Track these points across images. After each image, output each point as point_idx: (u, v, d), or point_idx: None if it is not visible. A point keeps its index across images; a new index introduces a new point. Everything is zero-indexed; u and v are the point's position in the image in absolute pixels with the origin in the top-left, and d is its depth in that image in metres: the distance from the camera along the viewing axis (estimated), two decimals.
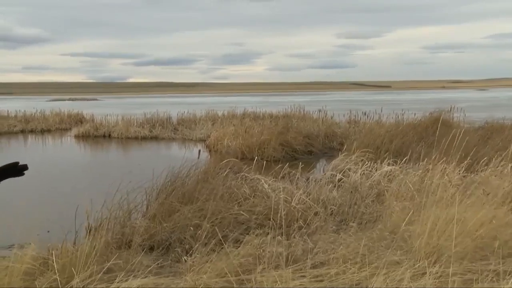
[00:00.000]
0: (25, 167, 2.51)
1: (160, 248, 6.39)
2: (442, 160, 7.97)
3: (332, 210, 7.57)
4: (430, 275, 4.28)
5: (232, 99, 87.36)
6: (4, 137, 26.60)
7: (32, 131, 29.26)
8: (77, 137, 26.08)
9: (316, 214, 7.13)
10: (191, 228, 6.36)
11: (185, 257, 5.56)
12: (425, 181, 7.73)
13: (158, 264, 5.61)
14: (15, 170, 2.49)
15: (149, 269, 5.05)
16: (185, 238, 6.32)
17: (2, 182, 2.53)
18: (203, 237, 5.80)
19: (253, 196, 7.73)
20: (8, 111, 33.81)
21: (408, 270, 4.38)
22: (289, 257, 4.84)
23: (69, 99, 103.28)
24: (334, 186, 9.09)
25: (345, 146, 13.33)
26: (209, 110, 31.03)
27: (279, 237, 5.31)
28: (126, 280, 4.53)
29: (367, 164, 10.31)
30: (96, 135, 26.00)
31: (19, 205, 10.04)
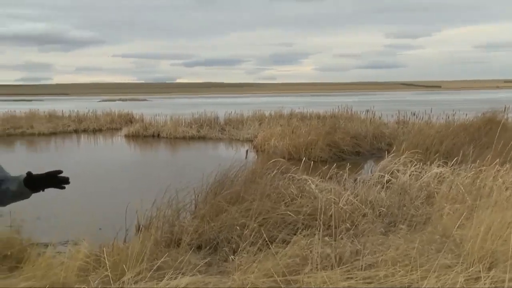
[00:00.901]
0: (65, 180, 2.52)
1: (208, 247, 6.46)
2: (495, 162, 7.73)
3: (380, 212, 7.45)
4: (485, 280, 4.16)
5: (279, 100, 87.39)
6: (59, 137, 27.50)
7: (84, 131, 30.13)
8: (127, 136, 26.67)
9: (364, 215, 7.04)
10: (238, 227, 6.40)
11: (232, 257, 5.60)
12: (477, 184, 7.52)
13: (206, 263, 5.68)
14: (56, 180, 2.50)
15: (197, 267, 5.11)
16: (232, 237, 6.36)
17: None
18: (250, 236, 5.82)
19: (300, 197, 7.70)
20: (62, 111, 34.89)
21: (461, 274, 4.26)
22: (337, 258, 4.80)
23: (119, 100, 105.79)
24: (382, 187, 8.95)
25: (393, 147, 13.09)
26: (256, 110, 31.13)
27: (326, 238, 5.28)
28: (175, 278, 4.60)
29: (416, 165, 10.11)
30: (146, 135, 26.50)
31: (73, 203, 10.34)
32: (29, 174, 2.40)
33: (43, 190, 2.43)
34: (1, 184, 2.50)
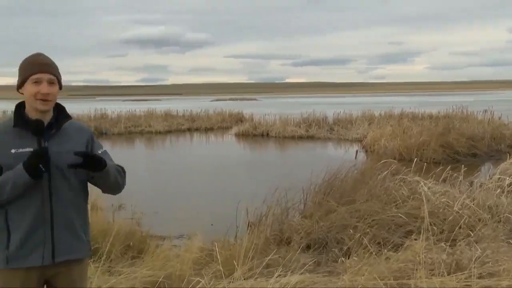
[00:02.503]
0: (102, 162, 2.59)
1: (317, 247, 6.45)
2: None
3: (501, 218, 7.01)
4: None
5: (389, 99, 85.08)
6: (174, 135, 28.85)
7: (197, 129, 31.34)
8: (237, 135, 27.36)
9: (482, 221, 6.66)
10: (349, 229, 6.33)
11: (342, 258, 5.56)
12: None
13: (314, 262, 5.68)
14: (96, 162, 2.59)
15: (306, 266, 5.13)
16: (341, 238, 6.30)
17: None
18: (360, 238, 5.74)
19: (412, 199, 7.45)
20: (177, 110, 36.64)
21: None
22: (453, 265, 4.59)
23: (230, 99, 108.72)
24: (503, 192, 8.40)
25: None
26: (365, 110, 30.60)
27: (441, 243, 5.07)
28: (284, 276, 4.64)
29: None
30: (255, 134, 27.00)
31: (187, 199, 10.83)
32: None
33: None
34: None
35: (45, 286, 2.71)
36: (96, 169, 2.57)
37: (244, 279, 4.65)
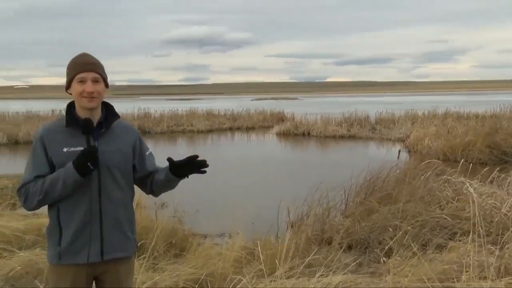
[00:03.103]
0: (203, 164, 2.72)
1: (359, 247, 6.40)
2: None
3: None
4: None
5: (433, 98, 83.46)
6: (215, 134, 29.08)
7: (238, 129, 31.51)
8: (278, 134, 27.34)
9: None
10: (390, 229, 6.25)
11: (384, 258, 5.49)
12: None
13: (356, 263, 5.63)
14: (195, 164, 2.71)
15: (348, 267, 5.08)
16: (384, 239, 6.23)
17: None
18: (404, 239, 5.66)
19: (457, 200, 7.30)
20: (218, 110, 36.89)
21: None
22: (501, 268, 4.47)
23: (272, 98, 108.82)
24: None
25: None
26: (408, 110, 30.10)
27: (489, 246, 4.94)
28: (326, 276, 4.61)
29: None
30: (296, 133, 26.93)
31: (228, 197, 10.88)
32: (170, 160, 2.68)
33: (187, 177, 2.72)
34: (154, 176, 2.77)
35: (94, 282, 2.78)
36: (182, 176, 2.70)
37: (286, 278, 4.65)
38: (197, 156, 2.71)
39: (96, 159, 2.53)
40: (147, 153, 2.80)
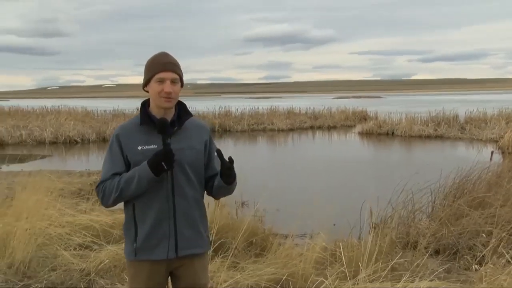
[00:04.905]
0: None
1: (447, 253, 6.09)
2: None
3: None
4: None
5: None
6: (296, 132, 29.02)
7: (319, 127, 31.27)
8: (360, 134, 26.86)
9: None
10: (483, 235, 5.90)
11: (475, 266, 5.20)
12: None
13: (444, 269, 5.38)
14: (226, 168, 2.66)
15: (435, 273, 4.86)
16: (474, 244, 5.90)
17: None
18: (498, 246, 5.31)
19: None
20: (299, 108, 36.75)
21: None
22: None
23: (353, 97, 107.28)
24: None
25: None
26: (502, 108, 28.49)
27: None
28: (412, 281, 4.43)
29: None
30: (379, 133, 26.34)
31: (309, 196, 10.76)
32: (222, 167, 2.68)
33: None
34: (215, 179, 2.76)
35: (169, 278, 2.83)
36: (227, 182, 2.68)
37: (369, 281, 4.51)
38: (229, 162, 2.65)
39: (171, 160, 2.55)
40: (214, 153, 2.79)
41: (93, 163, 16.56)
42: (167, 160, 2.53)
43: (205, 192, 2.87)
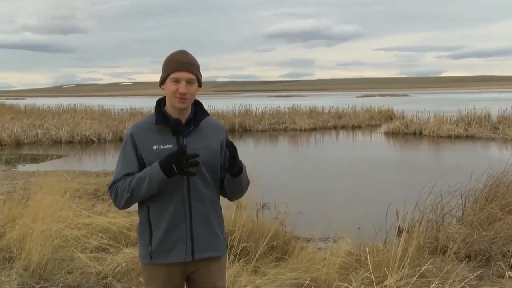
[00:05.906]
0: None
1: (478, 259, 5.84)
2: None
3: None
4: None
5: None
6: (319, 132, 28.69)
7: (343, 127, 30.86)
8: (386, 134, 26.44)
9: None
10: None
11: (509, 273, 4.95)
12: None
13: (476, 276, 5.15)
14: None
15: (466, 280, 4.65)
16: (508, 251, 5.64)
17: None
18: None
19: None
20: (322, 107, 36.23)
21: None
22: None
23: (379, 95, 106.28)
24: None
25: None
26: None
27: None
28: None
29: None
30: (406, 133, 25.91)
31: (332, 199, 10.54)
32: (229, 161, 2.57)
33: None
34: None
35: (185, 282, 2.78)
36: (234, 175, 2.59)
37: None
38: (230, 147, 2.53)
39: (182, 164, 2.46)
40: None
41: (109, 163, 16.54)
42: (178, 164, 2.45)
43: (222, 194, 2.79)
